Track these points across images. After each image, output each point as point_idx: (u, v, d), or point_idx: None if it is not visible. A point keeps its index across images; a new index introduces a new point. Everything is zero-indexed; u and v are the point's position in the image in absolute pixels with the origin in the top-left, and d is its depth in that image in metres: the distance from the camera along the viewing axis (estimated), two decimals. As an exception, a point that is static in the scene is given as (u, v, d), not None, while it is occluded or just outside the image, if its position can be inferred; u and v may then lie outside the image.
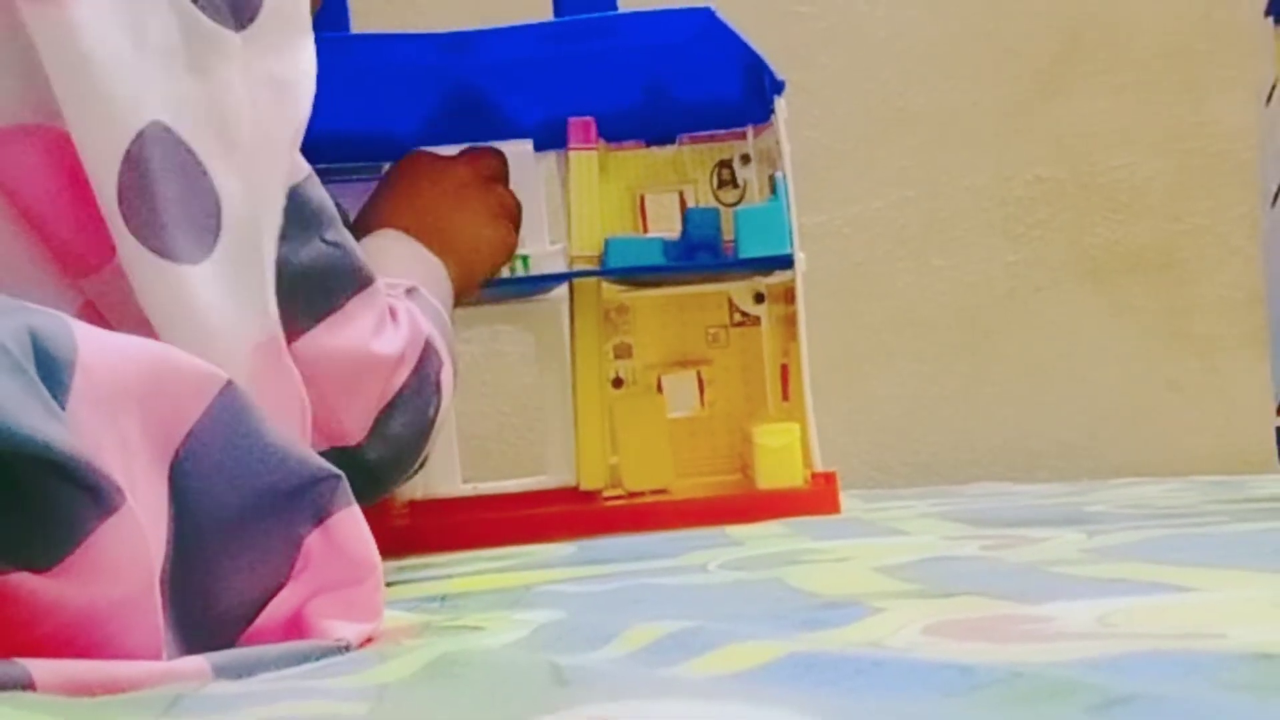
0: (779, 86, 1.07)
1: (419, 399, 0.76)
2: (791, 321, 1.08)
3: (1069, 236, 1.56)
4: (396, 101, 1.09)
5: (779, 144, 1.07)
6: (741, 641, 0.43)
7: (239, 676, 0.45)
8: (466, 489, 1.09)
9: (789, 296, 1.08)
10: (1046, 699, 0.32)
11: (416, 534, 1.03)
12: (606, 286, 1.11)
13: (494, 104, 1.11)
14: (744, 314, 1.13)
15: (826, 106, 1.54)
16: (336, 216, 0.71)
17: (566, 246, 1.10)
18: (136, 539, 0.44)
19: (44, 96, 0.60)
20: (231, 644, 0.50)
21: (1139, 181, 1.56)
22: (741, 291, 1.13)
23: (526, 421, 1.47)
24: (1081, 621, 0.47)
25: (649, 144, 1.13)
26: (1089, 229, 1.56)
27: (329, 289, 0.71)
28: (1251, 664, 0.35)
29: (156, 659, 0.45)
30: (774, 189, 1.07)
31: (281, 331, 0.67)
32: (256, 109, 0.66)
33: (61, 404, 0.44)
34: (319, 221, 0.70)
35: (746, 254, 1.07)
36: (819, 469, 1.06)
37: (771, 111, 1.08)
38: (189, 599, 0.49)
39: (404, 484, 0.84)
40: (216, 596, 0.50)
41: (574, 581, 0.71)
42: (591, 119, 1.10)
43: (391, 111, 1.09)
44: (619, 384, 1.12)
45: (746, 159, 1.13)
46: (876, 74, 1.56)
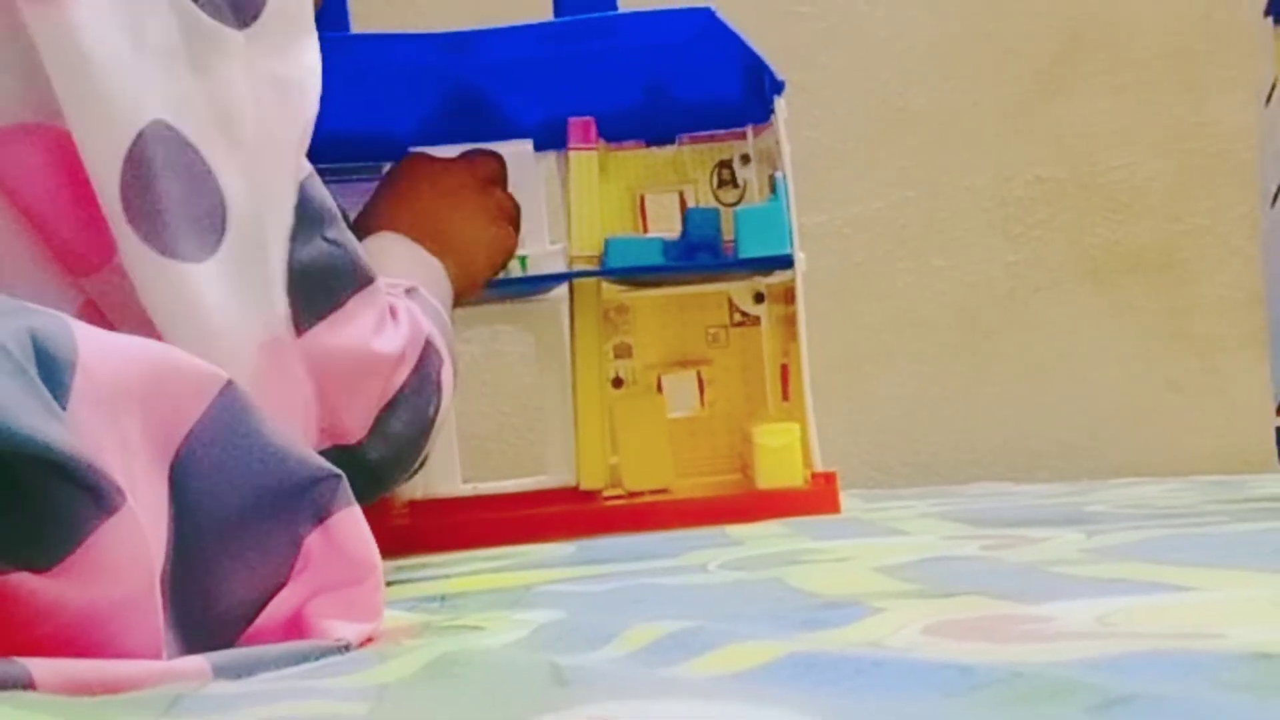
0: (779, 86, 1.07)
1: (419, 398, 0.76)
2: (791, 321, 1.08)
3: (1069, 236, 1.56)
4: (396, 101, 1.09)
5: (779, 144, 1.07)
6: (741, 641, 0.43)
7: (239, 676, 0.45)
8: (466, 489, 1.09)
9: (789, 296, 1.08)
10: (1046, 699, 0.32)
11: (416, 534, 1.03)
12: (606, 286, 1.11)
13: (494, 104, 1.11)
14: (744, 314, 1.13)
15: (826, 106, 1.54)
16: (338, 215, 0.71)
17: (566, 246, 1.10)
18: (137, 539, 0.44)
19: (45, 96, 0.60)
20: (231, 644, 0.50)
21: (1139, 181, 1.56)
22: (741, 291, 1.13)
23: (526, 421, 1.47)
24: (1081, 621, 0.47)
25: (649, 144, 1.13)
26: (1089, 229, 1.56)
27: (330, 287, 0.70)
28: (1251, 664, 0.35)
29: (157, 659, 0.45)
30: (774, 189, 1.07)
31: (288, 330, 0.67)
32: (260, 107, 0.66)
33: (62, 404, 0.44)
34: (320, 220, 0.70)
35: (746, 254, 1.07)
36: (819, 469, 1.06)
37: (771, 111, 1.08)
38: (189, 599, 0.49)
39: (404, 483, 0.84)
40: (216, 596, 0.50)
41: (574, 581, 0.71)
42: (591, 119, 1.10)
43: (391, 111, 1.09)
44: (619, 384, 1.12)
45: (746, 159, 1.13)
46: (876, 74, 1.56)
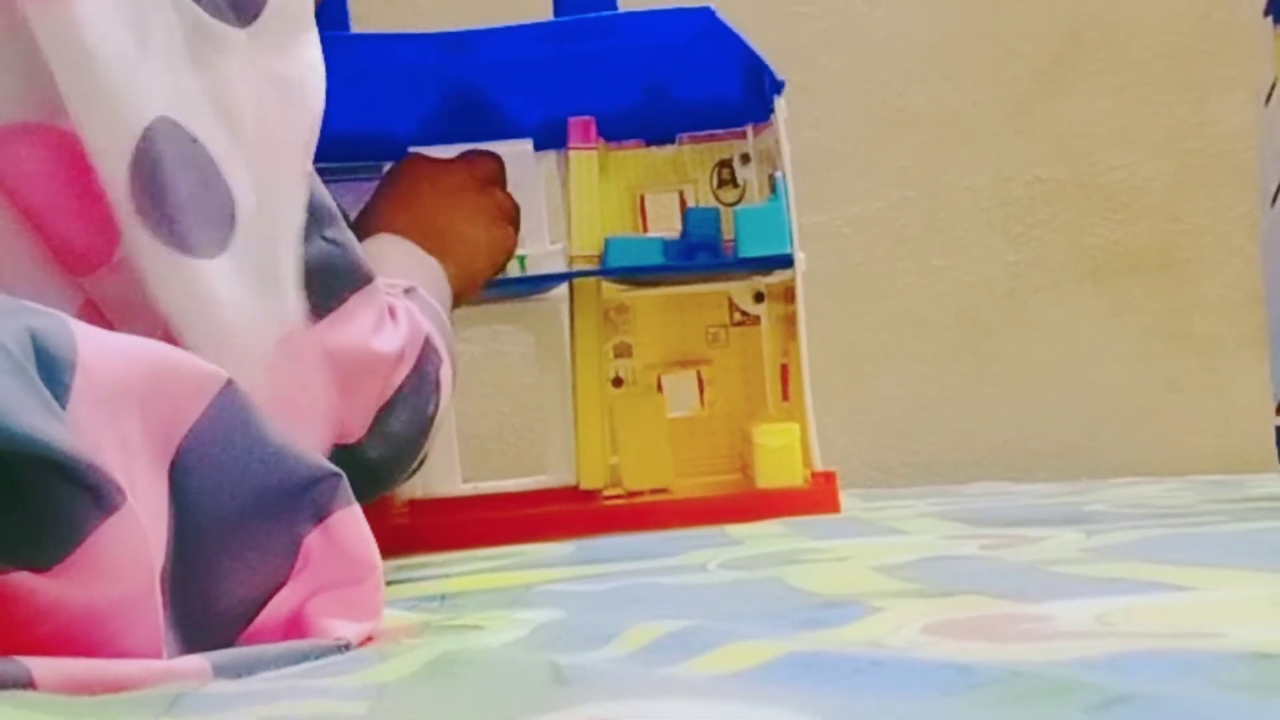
0: (779, 86, 1.07)
1: (418, 397, 0.76)
2: (791, 321, 1.08)
3: (1069, 236, 1.56)
4: (396, 101, 1.09)
5: (779, 144, 1.07)
6: (741, 641, 0.43)
7: (239, 675, 0.45)
8: (466, 488, 1.09)
9: (789, 296, 1.08)
10: (1045, 698, 0.32)
11: (416, 533, 1.03)
12: (606, 286, 1.11)
13: (494, 104, 1.11)
14: (744, 314, 1.13)
15: (826, 106, 1.54)
16: (337, 214, 0.72)
17: (566, 246, 1.10)
18: (137, 538, 0.44)
19: (45, 95, 0.60)
20: (231, 643, 0.50)
21: (1139, 181, 1.56)
22: (741, 291, 1.13)
23: (526, 421, 1.47)
24: (1080, 621, 0.47)
25: (649, 144, 1.14)
26: (1089, 229, 1.56)
27: (329, 286, 0.70)
28: (1250, 663, 0.35)
29: (157, 658, 0.45)
30: (774, 189, 1.07)
31: (303, 325, 0.67)
32: (262, 106, 0.66)
33: (62, 404, 0.44)
34: (320, 219, 0.70)
35: (746, 254, 1.07)
36: (819, 469, 1.06)
37: (771, 111, 1.08)
38: (189, 598, 0.49)
39: (404, 482, 0.84)
40: (216, 596, 0.50)
41: (574, 581, 0.71)
42: (591, 119, 1.10)
43: (391, 111, 1.09)
44: (619, 384, 1.12)
45: (746, 159, 1.13)
46: (876, 74, 1.56)
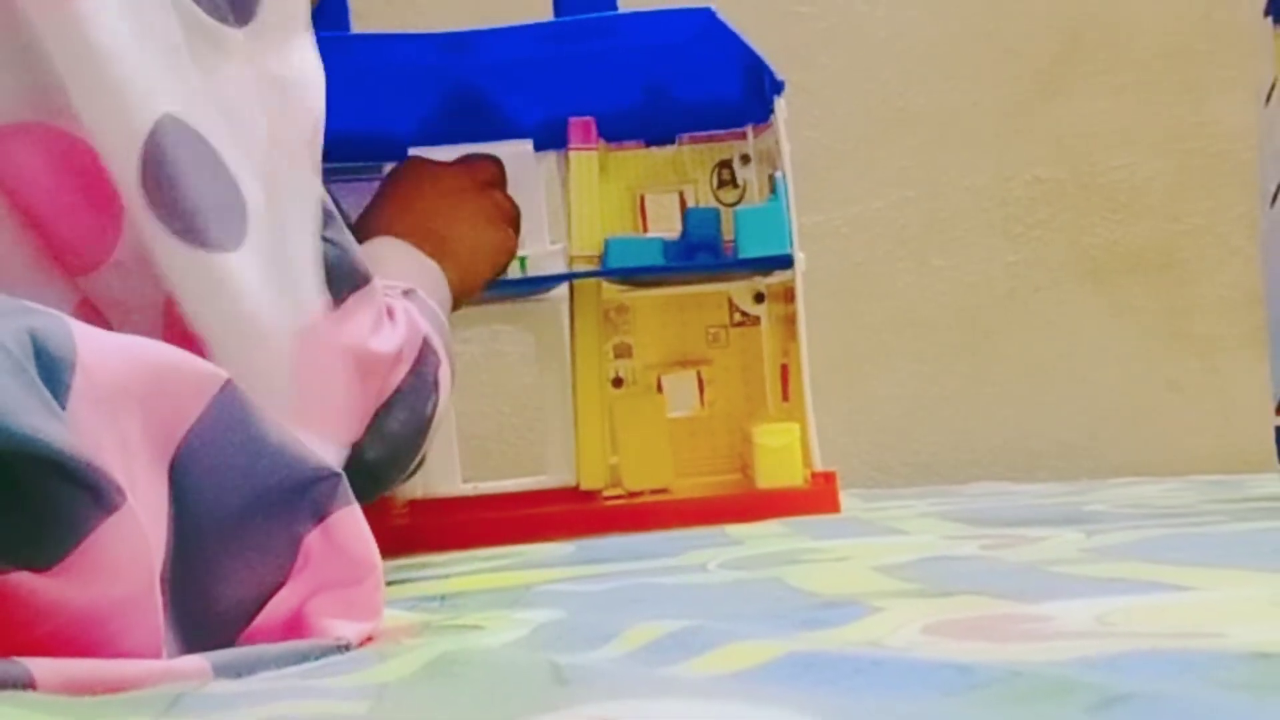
0: (779, 86, 1.07)
1: (416, 397, 0.76)
2: (791, 321, 1.08)
3: (1069, 236, 1.56)
4: (396, 101, 1.09)
5: (779, 144, 1.07)
6: (741, 641, 0.43)
7: (239, 675, 0.45)
8: (466, 489, 1.09)
9: (789, 296, 1.08)
10: (1045, 698, 0.32)
11: (416, 533, 1.03)
12: (606, 286, 1.11)
13: (494, 104, 1.11)
14: (744, 314, 1.13)
15: (826, 106, 1.54)
16: (335, 214, 0.71)
17: (566, 246, 1.10)
18: (137, 538, 0.44)
19: (44, 94, 0.60)
20: (231, 643, 0.50)
21: (1139, 181, 1.56)
22: (741, 291, 1.13)
23: (526, 421, 1.47)
24: (1080, 621, 0.47)
25: (649, 144, 1.14)
26: (1089, 229, 1.56)
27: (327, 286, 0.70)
28: (1249, 663, 0.35)
29: (157, 658, 0.45)
30: (774, 189, 1.07)
31: (323, 319, 0.67)
32: (262, 104, 0.66)
33: (62, 404, 0.44)
34: (318, 219, 0.70)
35: (746, 254, 1.07)
36: (819, 469, 1.06)
37: (771, 111, 1.08)
38: (189, 598, 0.49)
39: (402, 483, 0.84)
40: (216, 595, 0.50)
41: (574, 581, 0.71)
42: (591, 119, 1.10)
43: (391, 111, 1.09)
44: (619, 384, 1.12)
45: (746, 159, 1.13)
46: (876, 74, 1.56)
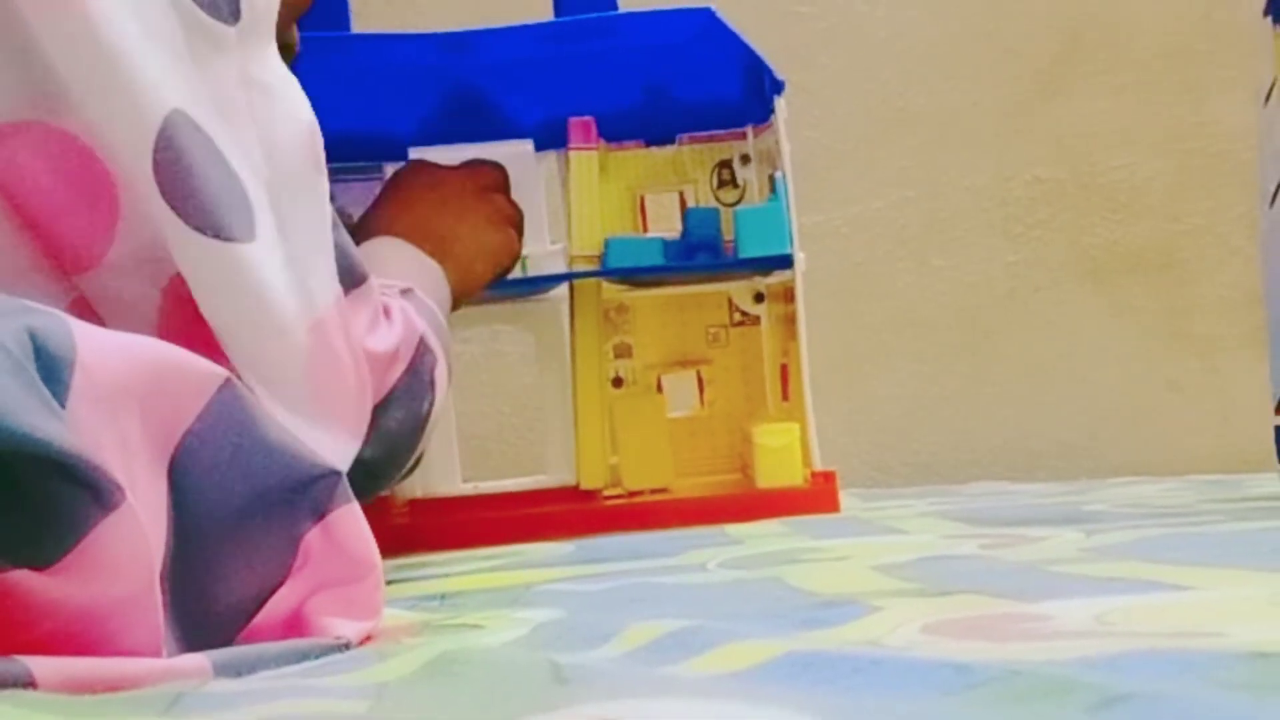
0: (779, 86, 1.07)
1: (413, 396, 0.76)
2: (791, 321, 1.08)
3: (1069, 236, 1.56)
4: (396, 101, 1.09)
5: (779, 144, 1.07)
6: (740, 640, 0.43)
7: (239, 674, 0.45)
8: (467, 488, 1.09)
9: (789, 296, 1.08)
10: (1044, 697, 0.32)
11: (416, 532, 1.03)
12: (606, 286, 1.11)
13: (494, 104, 1.11)
14: (744, 314, 1.13)
15: (826, 106, 1.54)
16: (333, 213, 0.71)
17: (566, 246, 1.10)
18: (136, 536, 0.44)
19: (41, 93, 0.60)
20: (231, 641, 0.50)
21: (1139, 181, 1.56)
22: (741, 291, 1.13)
23: (526, 421, 1.47)
24: (1079, 620, 0.47)
25: (649, 144, 1.14)
26: (1089, 229, 1.56)
27: None
28: (1248, 663, 0.35)
29: (157, 657, 0.45)
30: (774, 189, 1.07)
31: (333, 311, 0.67)
32: (252, 104, 0.66)
33: (61, 403, 0.44)
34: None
35: (746, 254, 1.07)
36: (818, 468, 1.06)
37: (771, 111, 1.08)
38: (189, 597, 0.49)
39: (399, 482, 0.84)
40: (216, 594, 0.50)
41: (573, 580, 0.71)
42: (591, 119, 1.10)
43: (391, 111, 1.09)
44: (619, 384, 1.12)
45: (746, 159, 1.14)
46: (876, 74, 1.56)
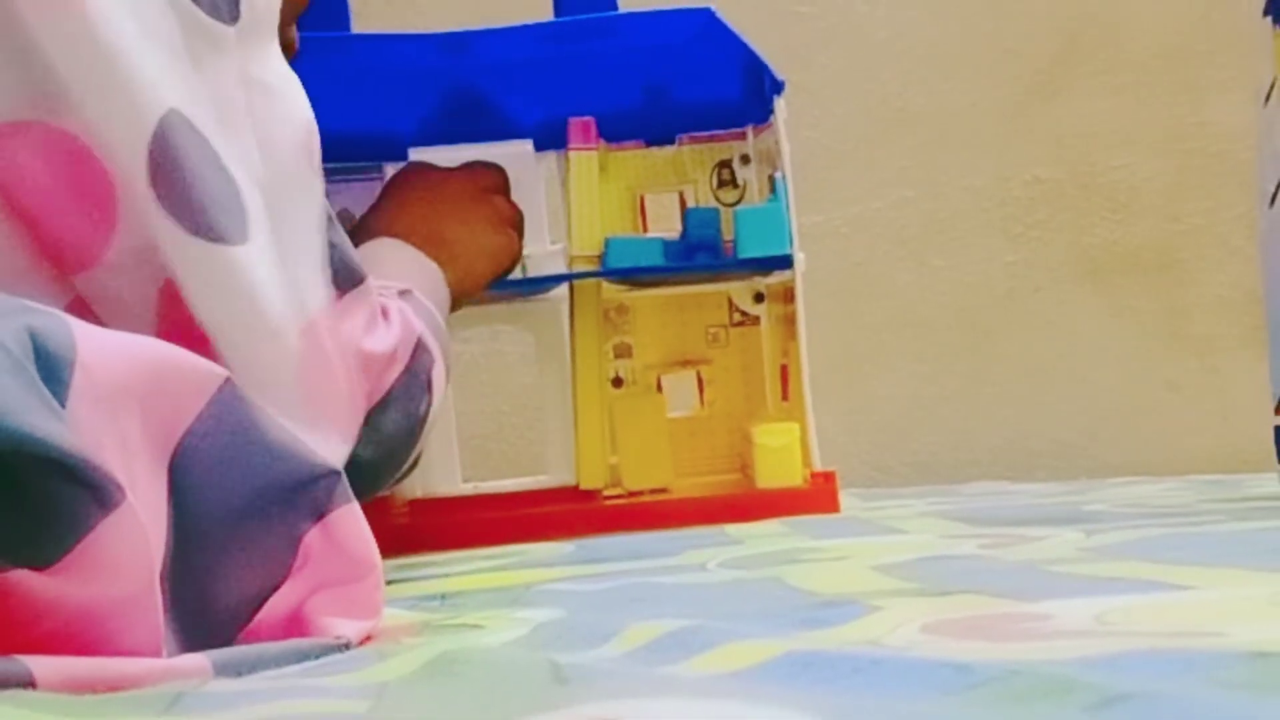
0: (779, 87, 1.07)
1: (410, 397, 0.76)
2: (791, 321, 1.08)
3: (1068, 236, 1.56)
4: (396, 101, 1.09)
5: (779, 144, 1.07)
6: (740, 640, 0.43)
7: (239, 674, 0.45)
8: (466, 488, 1.09)
9: (789, 296, 1.08)
10: (1044, 697, 0.32)
11: (416, 533, 1.03)
12: (606, 286, 1.11)
13: (494, 104, 1.11)
14: (744, 314, 1.13)
15: (826, 106, 1.54)
16: (331, 214, 0.71)
17: (566, 246, 1.10)
18: (137, 536, 0.44)
19: (41, 92, 0.60)
20: (231, 641, 0.50)
21: (1138, 181, 1.56)
22: (741, 291, 1.13)
23: (526, 421, 1.47)
24: (1079, 620, 0.47)
25: (649, 144, 1.13)
26: (1088, 229, 1.56)
27: None
28: (1248, 662, 0.35)
29: (157, 656, 0.45)
30: (774, 189, 1.07)
31: (324, 314, 0.67)
32: (252, 105, 0.66)
33: (61, 402, 0.44)
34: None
35: (746, 254, 1.07)
36: (818, 468, 1.06)
37: (771, 112, 1.08)
38: (189, 596, 0.49)
39: (396, 483, 0.84)
40: (216, 593, 0.50)
41: (573, 580, 0.71)
42: (591, 119, 1.10)
43: (391, 111, 1.09)
44: (619, 384, 1.12)
45: (746, 159, 1.13)
46: (876, 74, 1.56)
